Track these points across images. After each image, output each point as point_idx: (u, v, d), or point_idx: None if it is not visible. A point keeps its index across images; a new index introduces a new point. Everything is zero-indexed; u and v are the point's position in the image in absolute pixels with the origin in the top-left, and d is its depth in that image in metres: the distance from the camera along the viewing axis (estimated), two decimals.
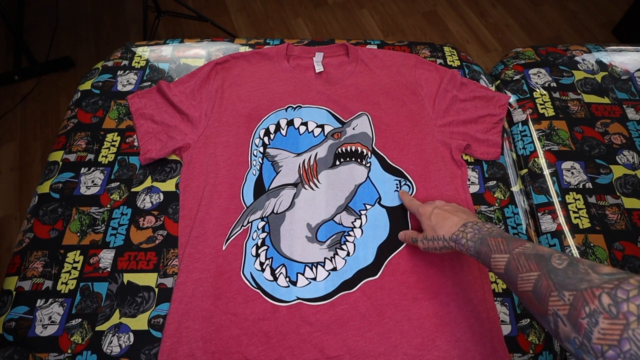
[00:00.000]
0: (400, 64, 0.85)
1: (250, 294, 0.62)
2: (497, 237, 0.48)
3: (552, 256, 0.40)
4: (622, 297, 0.32)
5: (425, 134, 0.77)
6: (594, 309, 0.33)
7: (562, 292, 0.36)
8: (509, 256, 0.44)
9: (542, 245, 0.44)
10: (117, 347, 0.59)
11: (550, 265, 0.39)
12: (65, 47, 1.74)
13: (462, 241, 0.52)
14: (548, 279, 0.38)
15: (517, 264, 0.43)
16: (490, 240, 0.48)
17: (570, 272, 0.37)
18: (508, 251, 0.45)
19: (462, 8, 1.91)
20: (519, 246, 0.45)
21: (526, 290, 0.40)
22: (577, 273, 0.36)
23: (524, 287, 0.40)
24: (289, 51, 0.87)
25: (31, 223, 0.70)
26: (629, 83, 0.88)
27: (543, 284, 0.38)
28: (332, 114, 0.79)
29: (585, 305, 0.33)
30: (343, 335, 0.60)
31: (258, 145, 0.75)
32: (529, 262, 0.41)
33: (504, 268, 0.44)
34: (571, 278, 0.36)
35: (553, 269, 0.38)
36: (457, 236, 0.53)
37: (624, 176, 0.76)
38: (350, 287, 0.63)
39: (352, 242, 0.67)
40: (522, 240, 0.47)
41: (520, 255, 0.43)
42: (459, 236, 0.53)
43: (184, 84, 0.81)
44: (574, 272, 0.37)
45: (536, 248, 0.43)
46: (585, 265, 0.37)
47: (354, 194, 0.71)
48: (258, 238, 0.67)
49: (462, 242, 0.52)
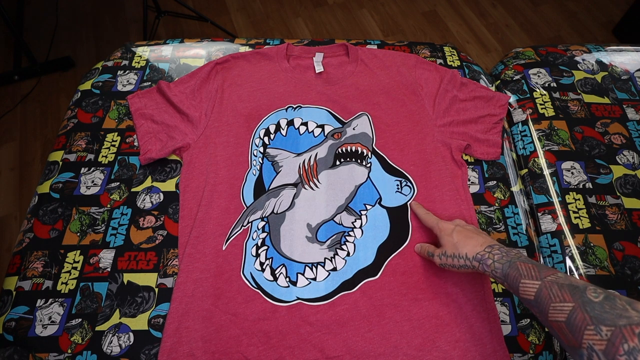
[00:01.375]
0: (400, 64, 0.85)
1: (250, 294, 0.62)
2: (526, 262, 0.47)
3: (587, 288, 0.39)
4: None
5: (426, 134, 0.77)
6: (633, 346, 0.32)
7: (599, 327, 0.35)
8: (540, 283, 0.43)
9: (575, 277, 0.44)
10: (117, 347, 0.59)
11: (585, 297, 0.38)
12: (65, 47, 1.74)
13: (487, 262, 0.51)
14: (584, 311, 0.37)
15: (549, 292, 0.42)
16: (520, 265, 0.47)
17: (607, 306, 0.36)
18: (540, 278, 0.44)
19: (462, 8, 1.91)
20: (551, 274, 0.44)
21: (559, 320, 0.39)
22: (614, 308, 0.36)
23: (557, 317, 0.40)
24: (289, 51, 0.87)
25: (31, 223, 0.70)
26: (629, 83, 0.88)
27: (578, 316, 0.37)
28: (332, 114, 0.79)
29: (624, 342, 0.33)
30: (343, 335, 0.60)
31: (258, 145, 0.75)
32: (562, 292, 0.41)
33: (535, 295, 0.43)
34: (609, 313, 0.36)
35: (589, 302, 0.38)
36: (483, 256, 0.52)
37: (624, 176, 0.76)
38: (350, 287, 0.63)
39: (352, 242, 0.67)
40: (553, 269, 0.46)
41: (553, 284, 0.42)
42: (485, 257, 0.52)
43: (184, 83, 0.81)
44: (612, 307, 0.36)
45: (569, 278, 0.42)
46: (623, 300, 0.37)
47: (354, 194, 0.71)
48: (258, 238, 0.67)
49: (487, 262, 0.51)
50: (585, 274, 0.67)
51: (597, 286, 0.40)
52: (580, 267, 0.68)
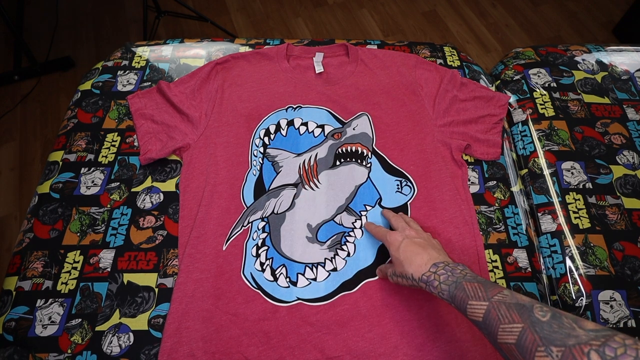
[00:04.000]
0: (400, 64, 0.85)
1: (251, 294, 0.62)
2: (472, 281, 0.46)
3: (534, 307, 0.39)
4: (610, 354, 0.32)
5: (426, 134, 0.77)
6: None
7: (550, 348, 0.35)
8: (488, 304, 0.42)
9: (520, 294, 0.43)
10: (117, 347, 0.59)
11: (533, 317, 0.38)
12: (65, 47, 1.74)
13: (434, 283, 0.49)
14: (533, 332, 0.37)
15: (497, 313, 0.41)
16: (466, 285, 0.45)
17: (555, 325, 0.36)
18: (487, 298, 0.43)
19: (462, 8, 1.91)
20: (497, 293, 0.43)
21: (508, 342, 0.38)
22: (562, 327, 0.36)
23: (506, 339, 0.39)
24: (289, 51, 0.87)
25: (31, 223, 0.70)
26: (629, 83, 0.88)
27: (528, 338, 0.37)
28: (332, 114, 0.79)
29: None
30: (343, 335, 0.60)
31: (258, 146, 0.75)
32: (510, 312, 0.40)
33: (483, 317, 0.42)
34: (557, 332, 0.35)
35: (537, 322, 0.37)
36: (429, 277, 0.50)
37: (624, 176, 0.76)
38: (350, 287, 0.63)
39: (353, 242, 0.67)
40: (498, 286, 0.45)
41: (501, 304, 0.41)
42: (431, 278, 0.49)
43: (184, 84, 0.81)
44: (559, 326, 0.36)
45: (515, 297, 0.41)
46: (569, 319, 0.36)
47: (355, 195, 0.71)
48: (258, 238, 0.67)
49: (434, 284, 0.49)
50: (585, 274, 0.67)
51: (542, 303, 0.40)
52: (580, 267, 0.68)
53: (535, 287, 0.66)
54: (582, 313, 0.65)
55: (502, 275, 0.66)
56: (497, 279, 0.66)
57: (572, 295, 0.66)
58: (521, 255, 0.68)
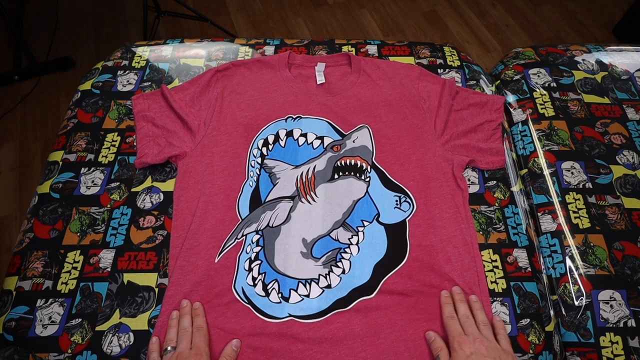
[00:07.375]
0: (404, 76, 0.83)
1: (241, 309, 0.61)
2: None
3: None
4: None
5: (427, 149, 0.74)
6: None
7: None
8: None
9: None
10: (117, 347, 0.59)
11: None
12: (65, 47, 1.74)
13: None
14: None
15: None
16: None
17: None
18: None
19: (462, 8, 1.91)
20: None
21: None
22: None
23: None
24: (291, 60, 0.85)
25: (31, 223, 0.70)
26: (629, 83, 0.88)
27: None
28: (333, 126, 0.77)
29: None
30: (336, 354, 0.58)
31: (256, 156, 0.74)
32: None
33: None
34: None
35: None
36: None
37: (624, 176, 0.76)
38: (344, 305, 0.61)
39: (348, 259, 0.65)
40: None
41: None
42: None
43: (184, 91, 0.80)
44: None
45: None
46: None
47: (352, 210, 0.69)
48: (252, 252, 0.65)
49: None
50: (585, 274, 0.67)
51: None
52: (580, 267, 0.68)
53: (535, 287, 0.66)
54: (582, 313, 0.65)
55: (502, 275, 0.66)
56: (497, 279, 0.66)
57: (572, 295, 0.66)
58: (521, 255, 0.68)
